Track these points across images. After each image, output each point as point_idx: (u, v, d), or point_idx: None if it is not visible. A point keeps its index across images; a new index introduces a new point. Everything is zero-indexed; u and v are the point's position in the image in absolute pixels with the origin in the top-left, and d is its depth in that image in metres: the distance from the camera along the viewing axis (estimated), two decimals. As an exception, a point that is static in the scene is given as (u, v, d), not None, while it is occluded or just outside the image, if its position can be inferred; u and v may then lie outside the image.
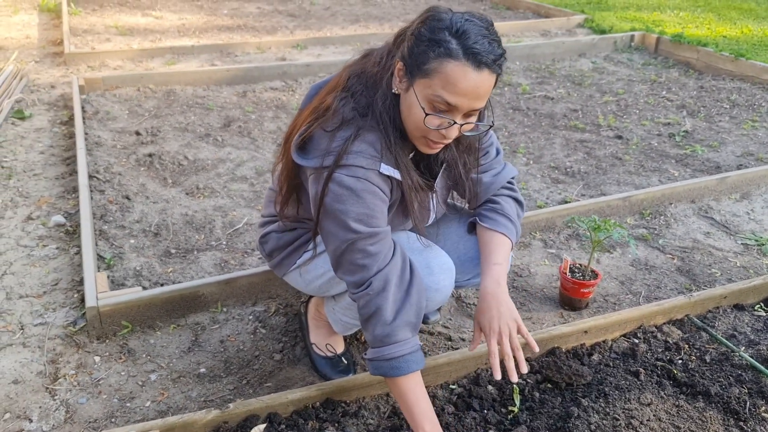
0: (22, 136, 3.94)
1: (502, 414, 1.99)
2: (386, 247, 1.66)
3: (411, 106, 1.59)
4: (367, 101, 1.66)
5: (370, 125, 1.64)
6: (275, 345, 2.29)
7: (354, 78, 1.71)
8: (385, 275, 1.63)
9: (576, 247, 2.97)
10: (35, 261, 2.73)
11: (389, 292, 1.64)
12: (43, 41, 6.03)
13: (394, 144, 1.64)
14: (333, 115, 1.66)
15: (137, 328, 2.35)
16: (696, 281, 2.74)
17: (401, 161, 1.66)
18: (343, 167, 1.60)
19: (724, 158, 3.90)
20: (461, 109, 1.54)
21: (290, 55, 5.89)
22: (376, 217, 1.64)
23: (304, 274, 2.01)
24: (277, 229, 2.03)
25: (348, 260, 1.65)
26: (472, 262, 2.01)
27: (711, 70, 5.62)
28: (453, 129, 1.58)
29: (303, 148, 1.69)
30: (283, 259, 2.03)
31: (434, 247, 1.89)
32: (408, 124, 1.63)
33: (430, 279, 1.81)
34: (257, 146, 3.91)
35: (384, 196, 1.66)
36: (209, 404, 2.03)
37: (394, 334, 1.64)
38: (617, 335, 2.33)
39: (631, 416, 1.92)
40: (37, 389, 2.08)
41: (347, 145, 1.61)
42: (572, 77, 5.43)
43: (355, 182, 1.60)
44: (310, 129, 1.68)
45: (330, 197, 1.62)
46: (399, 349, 1.65)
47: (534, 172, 3.69)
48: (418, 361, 1.68)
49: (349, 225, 1.61)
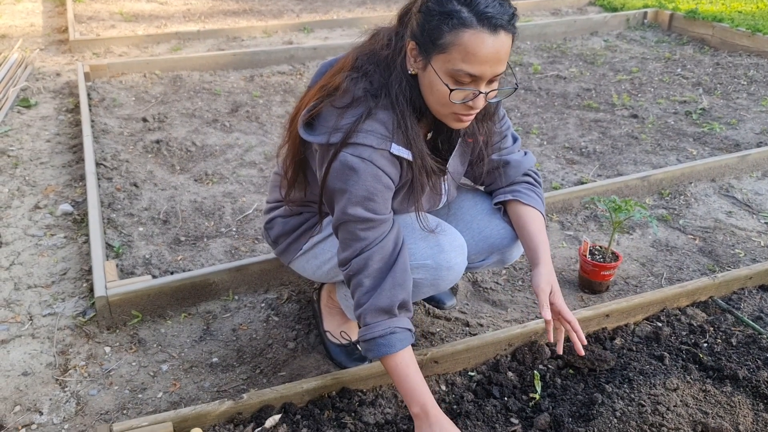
0: (28, 124, 3.89)
1: (523, 401, 1.93)
2: (378, 233, 1.63)
3: (432, 85, 1.54)
4: (380, 82, 1.61)
5: (383, 105, 1.60)
6: (288, 333, 2.24)
7: (364, 58, 1.66)
8: (366, 258, 1.63)
9: (594, 229, 2.90)
10: (43, 250, 2.68)
11: (363, 275, 1.63)
12: (47, 29, 5.97)
13: (409, 125, 1.60)
14: (343, 93, 1.62)
15: (147, 317, 2.30)
16: (719, 262, 2.66)
17: (414, 143, 1.62)
18: (350, 146, 1.57)
19: (743, 136, 3.80)
20: (484, 77, 1.50)
21: (297, 38, 5.81)
22: (375, 201, 1.60)
23: (311, 259, 1.96)
24: (283, 214, 1.98)
25: (341, 237, 1.67)
26: (486, 241, 1.97)
27: (727, 46, 5.49)
28: (479, 99, 1.54)
29: (310, 125, 1.66)
30: (289, 245, 1.98)
31: (444, 225, 1.84)
32: (432, 103, 1.59)
33: (440, 257, 1.77)
34: (265, 131, 3.85)
35: (388, 180, 1.62)
36: (222, 394, 1.99)
37: (364, 316, 1.64)
38: (640, 318, 2.27)
39: (657, 402, 1.85)
40: (47, 381, 2.03)
41: (357, 124, 1.57)
42: (584, 56, 5.32)
43: (359, 163, 1.56)
44: (319, 106, 1.64)
45: (332, 175, 1.60)
46: (369, 332, 1.64)
47: (548, 153, 3.61)
48: (391, 345, 1.63)
49: (345, 206, 1.60)
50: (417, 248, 1.77)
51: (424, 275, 1.79)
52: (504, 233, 1.97)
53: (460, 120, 1.60)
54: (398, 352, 1.63)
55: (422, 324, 2.27)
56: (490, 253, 1.99)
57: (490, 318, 2.32)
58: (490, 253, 1.99)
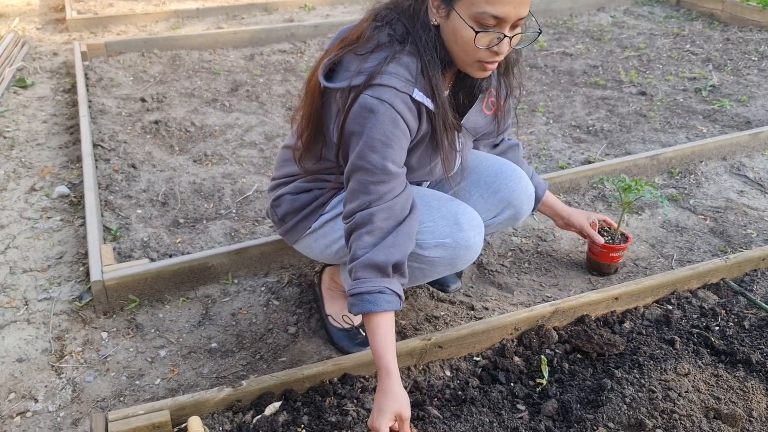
0: (25, 105, 3.82)
1: (530, 387, 1.88)
2: (388, 188, 1.59)
3: (456, 31, 1.53)
4: (405, 30, 1.60)
5: (409, 51, 1.59)
6: (289, 317, 2.19)
7: (385, 10, 1.65)
8: (371, 213, 1.59)
9: (602, 209, 2.83)
10: (39, 234, 2.63)
11: (365, 230, 1.59)
12: (44, 7, 5.87)
13: (433, 74, 1.59)
14: (366, 41, 1.61)
15: (145, 302, 2.25)
16: (731, 243, 2.59)
17: (438, 93, 1.60)
18: (372, 87, 1.54)
19: (754, 113, 3.71)
20: (509, 19, 1.49)
21: (298, 16, 5.70)
22: (391, 147, 1.57)
23: (319, 238, 1.91)
24: (292, 190, 1.92)
25: (350, 187, 1.62)
26: (496, 196, 1.96)
27: (737, 21, 5.37)
28: (504, 43, 1.53)
29: (331, 74, 1.64)
30: (297, 223, 1.92)
31: (461, 202, 1.82)
32: (457, 51, 1.58)
33: (459, 236, 1.74)
34: (266, 111, 3.77)
35: (405, 127, 1.59)
36: (221, 381, 1.94)
37: (356, 269, 1.59)
38: (650, 301, 2.21)
39: (668, 388, 1.80)
40: (42, 367, 1.99)
41: (381, 66, 1.55)
42: (591, 32, 5.21)
43: (378, 104, 1.54)
44: (340, 54, 1.63)
45: (350, 119, 1.57)
46: (358, 286, 1.59)
47: (555, 132, 3.53)
48: (377, 303, 1.58)
49: (361, 150, 1.56)
50: (436, 226, 1.74)
51: (442, 254, 1.75)
52: (512, 186, 1.97)
53: (484, 68, 1.59)
54: (381, 312, 1.59)
55: (426, 308, 2.22)
56: (502, 208, 1.97)
57: (495, 301, 2.27)
58: (501, 208, 1.97)
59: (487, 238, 2.50)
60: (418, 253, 1.75)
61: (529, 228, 2.68)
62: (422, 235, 1.74)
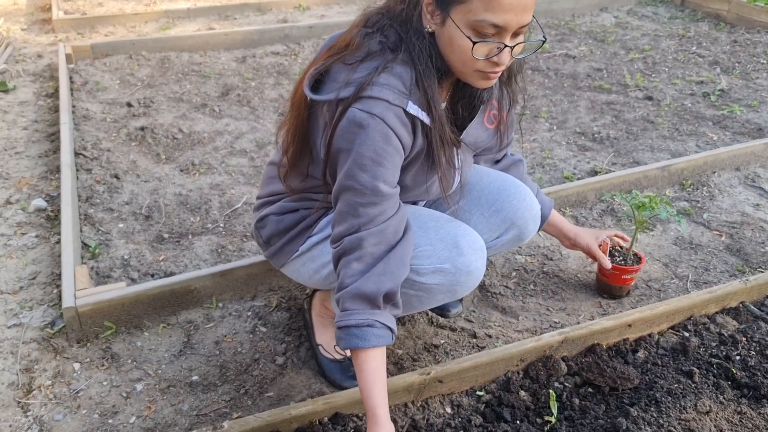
0: (5, 110, 3.65)
1: (537, 425, 1.73)
2: (379, 210, 1.45)
3: (452, 40, 1.38)
4: (397, 37, 1.45)
5: (402, 60, 1.43)
6: (277, 346, 2.03)
7: (376, 15, 1.50)
8: (361, 238, 1.44)
9: (611, 224, 2.67)
10: (12, 251, 2.47)
11: (354, 257, 1.46)
12: (31, 7, 5.69)
13: (428, 85, 1.43)
14: (356, 49, 1.46)
15: (122, 328, 2.09)
16: (749, 261, 2.44)
17: (433, 104, 1.45)
18: (361, 100, 1.39)
19: (765, 119, 3.56)
20: (510, 27, 1.35)
21: (292, 16, 5.54)
22: (383, 165, 1.42)
23: (307, 262, 1.75)
24: (277, 210, 1.77)
25: (338, 208, 1.48)
26: (499, 215, 1.81)
27: (744, 22, 5.22)
28: (504, 54, 1.38)
29: (318, 87, 1.49)
30: (284, 246, 1.77)
31: (460, 222, 1.66)
32: (453, 61, 1.43)
33: (460, 260, 1.58)
34: (257, 116, 3.61)
35: (398, 144, 1.44)
36: (202, 419, 1.78)
37: (344, 300, 1.46)
38: (665, 328, 2.06)
39: (689, 429, 1.66)
40: (7, 404, 1.83)
41: (372, 76, 1.40)
42: (594, 33, 5.06)
43: (367, 119, 1.38)
44: (328, 64, 1.48)
45: (338, 135, 1.42)
46: (345, 319, 1.45)
47: (558, 139, 3.37)
48: (365, 339, 1.44)
49: (349, 169, 1.42)
50: (434, 250, 1.58)
51: (440, 280, 1.60)
52: (516, 204, 1.81)
53: (487, 77, 1.44)
54: (370, 348, 1.45)
55: (425, 335, 2.06)
56: (505, 228, 1.82)
57: (499, 327, 2.11)
58: (504, 228, 1.82)
59: (490, 258, 2.34)
60: (414, 279, 1.60)
61: (534, 245, 2.53)
62: (419, 260, 1.58)
